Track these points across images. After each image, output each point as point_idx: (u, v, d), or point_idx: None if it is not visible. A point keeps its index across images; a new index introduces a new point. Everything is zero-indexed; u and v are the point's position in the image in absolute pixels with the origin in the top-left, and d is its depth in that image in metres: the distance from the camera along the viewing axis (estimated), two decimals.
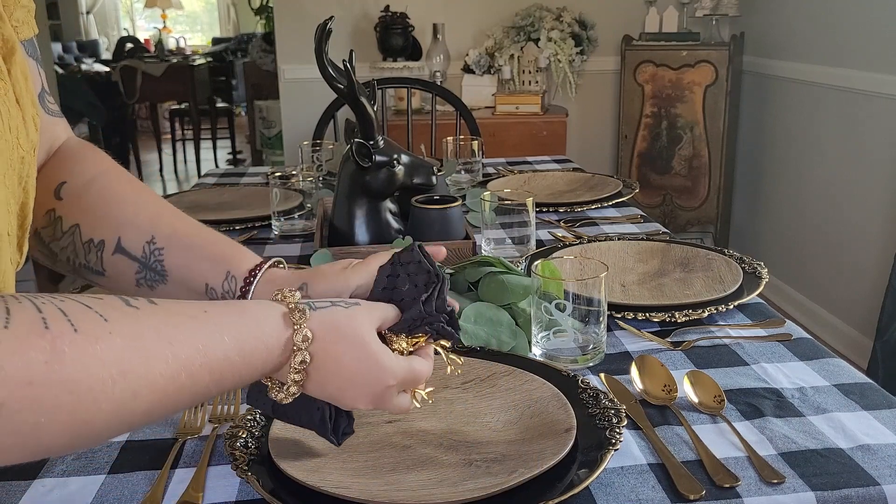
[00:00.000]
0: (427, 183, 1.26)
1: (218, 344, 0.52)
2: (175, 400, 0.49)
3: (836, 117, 2.89)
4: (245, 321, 0.55)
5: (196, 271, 0.72)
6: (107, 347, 0.45)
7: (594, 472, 0.67)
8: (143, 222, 0.72)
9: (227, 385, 0.54)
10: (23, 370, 0.40)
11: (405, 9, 3.39)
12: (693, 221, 3.46)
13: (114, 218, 0.72)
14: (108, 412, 0.45)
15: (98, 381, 0.44)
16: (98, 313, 0.46)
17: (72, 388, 0.42)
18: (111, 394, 0.44)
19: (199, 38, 10.26)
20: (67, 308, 0.44)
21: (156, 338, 0.48)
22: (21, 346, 0.41)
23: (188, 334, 0.50)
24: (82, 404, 0.43)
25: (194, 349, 0.50)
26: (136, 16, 10.46)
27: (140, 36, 9.50)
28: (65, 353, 0.42)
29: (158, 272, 0.72)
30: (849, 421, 0.79)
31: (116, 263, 0.72)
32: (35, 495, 0.71)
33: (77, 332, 0.43)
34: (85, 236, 0.71)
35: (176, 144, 6.55)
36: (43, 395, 0.41)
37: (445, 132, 2.22)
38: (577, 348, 0.93)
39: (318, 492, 0.66)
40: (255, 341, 0.55)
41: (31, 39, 0.67)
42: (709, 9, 3.38)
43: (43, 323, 0.42)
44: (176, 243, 0.72)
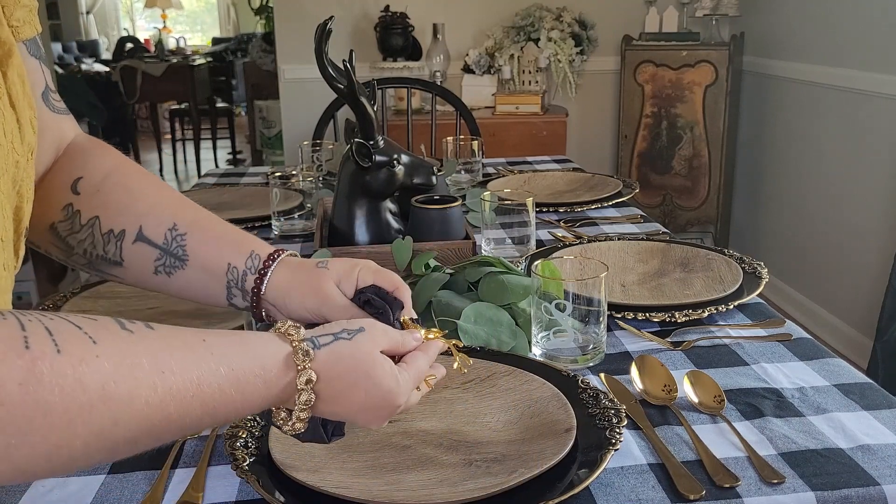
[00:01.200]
0: (427, 183, 1.26)
1: (213, 376, 0.50)
2: (162, 430, 0.48)
3: (836, 117, 2.89)
4: (245, 355, 0.54)
5: (219, 252, 0.73)
6: (90, 371, 0.43)
7: (594, 472, 0.67)
8: (165, 211, 0.74)
9: (220, 418, 0.52)
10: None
11: (405, 9, 3.39)
12: (693, 221, 3.46)
13: (134, 208, 0.73)
14: (85, 437, 0.43)
15: (76, 405, 0.42)
16: (87, 335, 0.44)
17: (46, 410, 0.41)
18: (88, 419, 0.43)
19: (199, 38, 10.26)
20: (55, 328, 0.43)
21: (146, 364, 0.46)
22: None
23: (182, 363, 0.48)
24: (57, 428, 0.41)
25: (187, 380, 0.48)
26: (136, 16, 10.46)
27: (140, 36, 9.50)
28: (43, 374, 0.41)
29: (179, 257, 0.73)
30: (849, 421, 0.79)
31: (136, 252, 0.73)
32: (35, 495, 0.71)
33: (60, 353, 0.42)
34: (105, 227, 0.72)
35: (176, 144, 6.55)
36: (14, 416, 0.40)
37: (445, 132, 2.22)
38: (577, 348, 0.93)
39: (318, 492, 0.66)
40: (254, 378, 0.53)
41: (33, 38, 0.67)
42: (709, 9, 3.38)
43: (24, 342, 0.41)
44: (198, 228, 0.74)
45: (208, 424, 0.51)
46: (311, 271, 0.73)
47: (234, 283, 0.73)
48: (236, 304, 0.75)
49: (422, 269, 1.12)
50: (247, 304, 0.74)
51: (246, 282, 0.73)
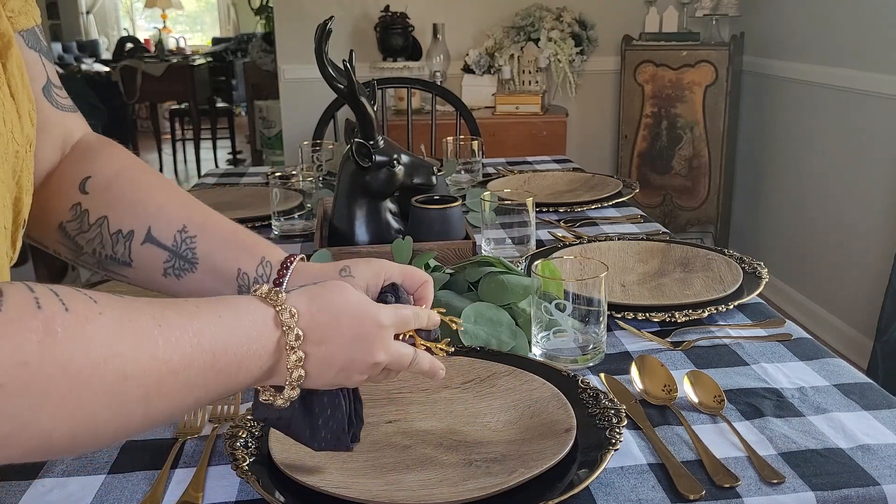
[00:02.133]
0: (427, 183, 1.26)
1: (208, 326, 0.51)
2: (171, 385, 0.48)
3: (836, 117, 2.89)
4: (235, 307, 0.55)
5: (229, 257, 0.72)
6: (97, 328, 0.44)
7: (594, 472, 0.68)
8: (174, 212, 0.73)
9: (223, 374, 0.52)
10: (17, 351, 0.40)
11: (405, 9, 3.39)
12: (693, 221, 3.46)
13: (143, 209, 0.72)
14: (101, 395, 0.44)
15: (89, 361, 0.43)
16: (88, 296, 0.46)
17: (64, 367, 0.42)
18: (103, 374, 0.44)
19: (199, 38, 10.27)
20: (58, 290, 0.44)
21: (144, 319, 0.47)
22: (15, 328, 0.41)
23: (177, 317, 0.50)
24: (76, 386, 0.43)
25: (184, 330, 0.49)
26: (136, 16, 10.46)
27: (140, 36, 9.50)
28: (57, 332, 0.42)
29: (189, 260, 0.72)
30: (849, 421, 0.79)
31: (145, 253, 0.72)
32: (35, 495, 0.71)
33: (68, 311, 0.43)
34: (113, 227, 0.72)
35: (176, 144, 6.55)
36: (37, 376, 0.41)
37: (445, 132, 2.22)
38: (577, 348, 0.93)
39: (318, 492, 0.66)
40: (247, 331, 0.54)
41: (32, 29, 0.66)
42: (709, 9, 3.38)
43: (35, 303, 0.42)
44: (209, 231, 0.73)
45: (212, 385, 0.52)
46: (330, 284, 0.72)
47: (246, 289, 0.72)
48: None
49: (422, 269, 1.12)
50: None
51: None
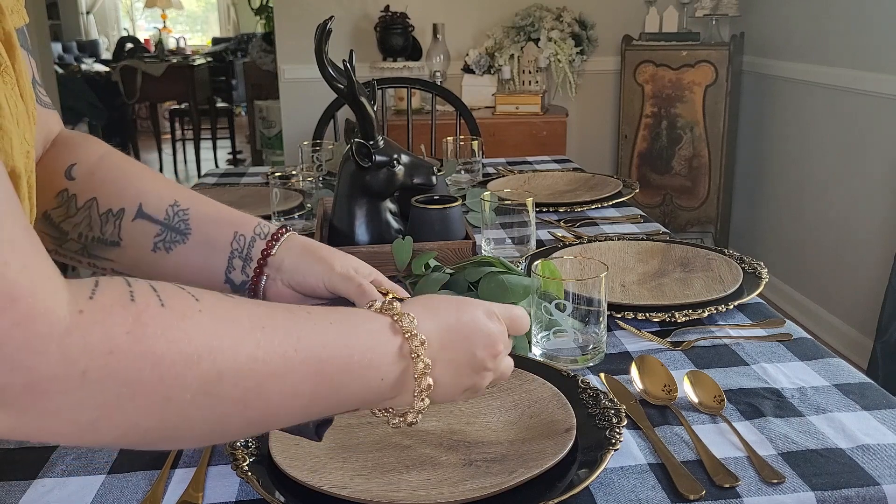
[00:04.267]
0: (427, 183, 1.26)
1: (318, 334, 0.49)
2: (270, 390, 0.47)
3: (836, 117, 2.89)
4: (348, 314, 0.53)
5: (223, 225, 0.74)
6: (194, 324, 0.44)
7: (594, 472, 0.67)
8: (163, 189, 0.74)
9: (332, 383, 0.50)
10: (104, 340, 0.40)
11: (405, 9, 3.39)
12: (693, 221, 3.46)
13: (132, 187, 0.73)
14: (192, 391, 0.43)
15: (182, 356, 0.43)
16: (190, 293, 0.46)
17: (154, 360, 0.42)
18: (196, 371, 0.43)
19: (199, 38, 10.26)
20: (159, 286, 0.45)
21: (246, 321, 0.47)
22: (104, 316, 0.41)
23: (284, 322, 0.49)
24: (165, 379, 0.42)
25: (287, 333, 0.48)
26: (136, 16, 10.46)
27: (140, 36, 9.50)
28: (148, 325, 0.42)
29: (181, 231, 0.73)
30: (849, 421, 0.79)
31: (135, 229, 0.73)
32: (35, 495, 0.71)
33: (164, 307, 0.43)
34: (102, 208, 0.72)
35: (176, 144, 6.55)
36: (124, 366, 0.41)
37: (445, 132, 2.22)
38: (577, 348, 0.93)
39: (318, 492, 0.66)
40: (360, 331, 0.52)
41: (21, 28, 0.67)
42: (709, 9, 3.38)
43: (130, 296, 0.43)
44: (201, 204, 0.74)
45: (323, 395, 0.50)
46: (329, 248, 0.74)
47: (239, 251, 0.73)
48: (233, 279, 0.74)
49: (422, 269, 1.12)
50: (245, 277, 0.73)
51: (254, 247, 0.73)
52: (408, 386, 0.55)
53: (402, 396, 0.56)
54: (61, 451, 0.77)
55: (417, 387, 0.55)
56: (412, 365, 0.55)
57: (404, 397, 0.56)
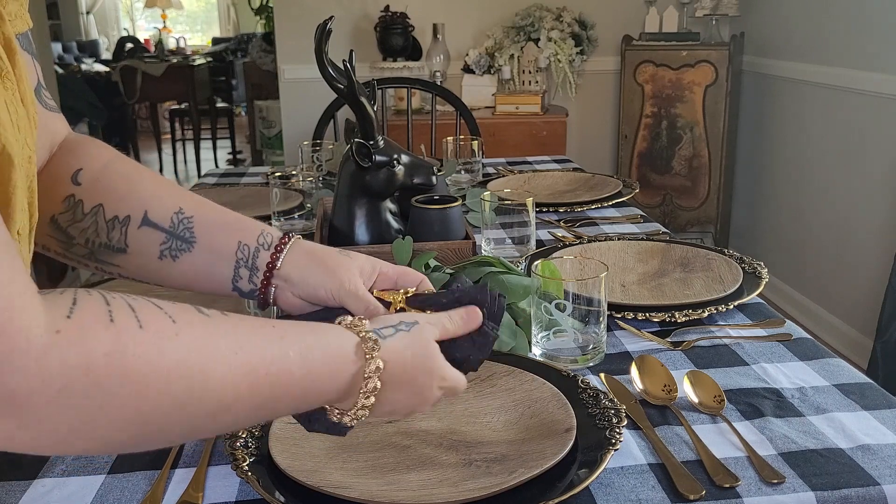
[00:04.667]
0: (427, 183, 1.26)
1: (283, 359, 0.52)
2: (236, 408, 0.50)
3: (837, 117, 2.89)
4: (314, 342, 0.56)
5: (229, 232, 0.74)
6: (172, 346, 0.46)
7: (594, 472, 0.68)
8: (168, 197, 0.74)
9: (288, 401, 0.54)
10: (81, 359, 0.42)
11: (405, 9, 3.39)
12: (693, 221, 3.46)
13: (137, 194, 0.73)
14: (167, 409, 0.46)
15: (157, 375, 0.45)
16: (167, 314, 0.47)
17: (130, 380, 0.43)
18: (172, 389, 0.45)
19: (199, 38, 10.26)
20: (137, 306, 0.46)
21: (222, 345, 0.49)
22: (81, 336, 0.42)
23: (255, 345, 0.51)
24: (140, 397, 0.44)
25: (259, 359, 0.51)
26: (136, 16, 10.46)
27: (140, 36, 9.50)
28: (127, 346, 0.44)
29: (186, 239, 0.73)
30: (849, 421, 0.79)
31: (141, 237, 0.73)
32: (35, 495, 0.71)
33: (142, 328, 0.45)
34: (109, 214, 0.73)
35: (176, 144, 6.55)
36: (101, 384, 0.42)
37: (445, 132, 2.22)
38: (577, 348, 0.93)
39: (318, 492, 0.66)
40: (322, 364, 0.55)
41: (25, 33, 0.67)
42: (709, 9, 3.38)
43: (108, 316, 0.44)
44: (205, 211, 0.74)
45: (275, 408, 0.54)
46: (334, 255, 0.74)
47: (244, 261, 0.73)
48: (240, 287, 0.74)
49: (422, 269, 1.12)
50: (252, 286, 0.73)
51: (258, 258, 0.73)
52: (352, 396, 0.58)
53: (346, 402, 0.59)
54: None
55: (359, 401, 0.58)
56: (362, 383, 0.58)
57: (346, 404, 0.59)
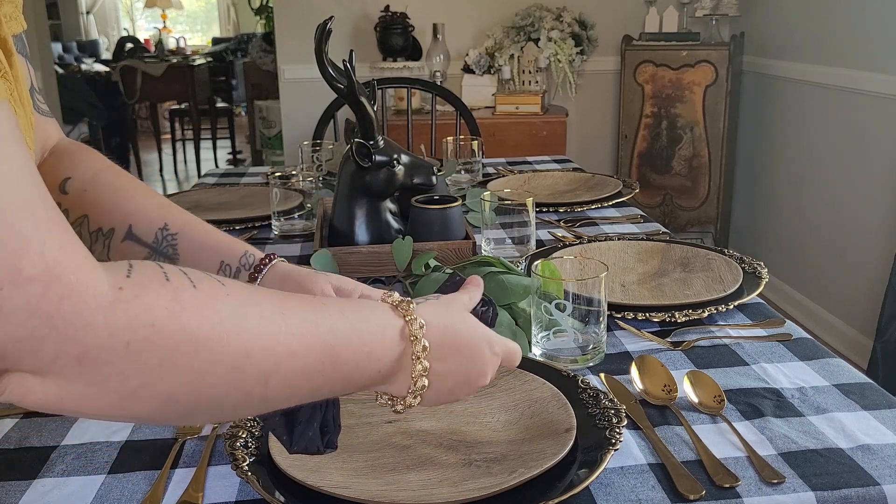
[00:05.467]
0: (427, 183, 1.26)
1: (331, 321, 0.52)
2: (289, 369, 0.50)
3: (837, 117, 2.89)
4: (361, 308, 0.56)
5: (211, 253, 0.75)
6: (223, 305, 0.47)
7: (594, 472, 0.68)
8: (154, 211, 0.75)
9: (341, 368, 0.53)
10: (146, 313, 0.43)
11: (405, 9, 3.39)
12: (693, 221, 3.46)
13: (123, 208, 0.74)
14: (223, 367, 0.46)
15: (214, 331, 0.45)
16: (216, 279, 0.49)
17: (189, 335, 0.44)
18: (225, 348, 0.46)
19: (199, 38, 10.26)
20: (187, 271, 0.47)
21: (268, 306, 0.50)
22: (143, 292, 0.43)
23: (302, 309, 0.52)
24: (200, 354, 0.45)
25: (304, 319, 0.51)
26: (136, 16, 10.46)
27: (140, 36, 9.50)
28: (184, 303, 0.45)
29: (169, 256, 0.74)
30: (849, 421, 0.79)
31: (124, 251, 0.73)
32: (35, 495, 0.71)
33: (195, 287, 0.46)
34: (93, 226, 0.73)
35: (176, 144, 6.55)
36: (163, 338, 0.43)
37: (445, 132, 2.22)
38: (577, 348, 0.93)
39: (318, 492, 0.66)
40: (370, 330, 0.55)
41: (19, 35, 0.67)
42: (709, 9, 3.38)
43: (164, 276, 0.45)
44: (189, 229, 0.75)
45: (323, 376, 0.52)
46: (310, 275, 0.75)
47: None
48: None
49: (422, 269, 1.12)
50: None
51: (238, 278, 0.75)
52: (400, 381, 0.58)
53: (393, 386, 0.59)
54: (61, 451, 0.77)
55: (412, 385, 0.58)
56: (411, 365, 0.57)
57: (396, 388, 0.59)
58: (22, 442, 0.79)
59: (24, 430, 0.81)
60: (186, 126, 6.64)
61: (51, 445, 0.78)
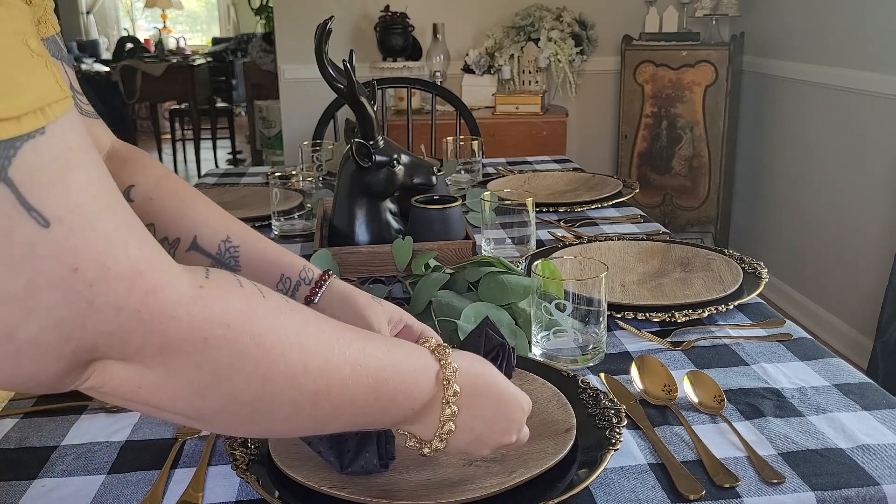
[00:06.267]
0: (427, 183, 1.26)
1: (378, 355, 0.55)
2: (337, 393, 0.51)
3: (836, 117, 2.89)
4: (405, 347, 0.59)
5: (272, 265, 0.78)
6: (288, 319, 0.49)
7: (594, 472, 0.68)
8: (217, 224, 0.78)
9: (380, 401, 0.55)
10: (223, 313, 0.45)
11: (405, 9, 3.39)
12: (693, 221, 3.46)
13: (189, 217, 0.76)
14: (283, 376, 0.48)
15: (279, 341, 0.48)
16: (281, 295, 0.51)
17: (259, 340, 0.46)
18: (289, 358, 0.48)
19: (199, 38, 10.26)
20: (257, 282, 0.50)
21: (327, 329, 0.52)
22: (222, 293, 0.46)
23: (354, 339, 0.54)
24: (265, 358, 0.47)
25: (357, 349, 0.53)
26: (136, 16, 10.45)
27: (140, 36, 9.49)
28: (256, 309, 0.47)
29: (231, 267, 0.77)
30: (849, 421, 0.79)
31: (189, 260, 0.75)
32: (35, 495, 0.71)
33: (265, 298, 0.49)
34: (160, 235, 0.75)
35: (176, 144, 6.55)
36: (236, 339, 0.45)
37: (445, 132, 2.22)
38: (577, 348, 0.93)
39: (318, 492, 0.66)
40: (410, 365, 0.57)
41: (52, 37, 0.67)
42: (709, 9, 3.38)
43: (238, 283, 0.48)
44: (252, 242, 0.78)
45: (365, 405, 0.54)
46: (365, 299, 0.78)
47: (285, 292, 0.77)
48: None
49: (422, 269, 1.12)
50: None
51: (298, 291, 0.78)
52: (428, 423, 0.60)
53: (419, 427, 0.61)
54: (61, 451, 0.77)
55: (439, 428, 0.60)
56: (441, 408, 0.59)
57: (424, 429, 0.61)
58: (22, 442, 0.79)
59: (24, 430, 0.81)
60: (186, 126, 6.64)
61: (51, 445, 0.78)
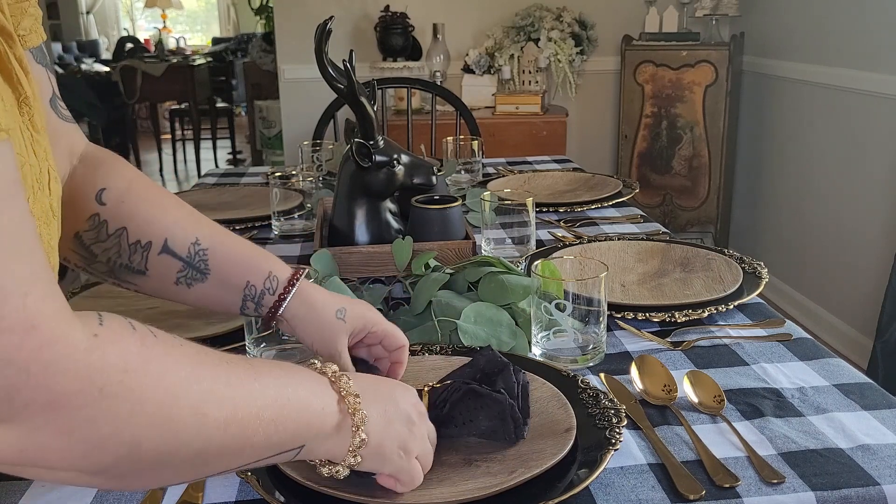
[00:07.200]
0: (427, 183, 1.26)
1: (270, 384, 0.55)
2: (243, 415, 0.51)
3: (836, 117, 2.89)
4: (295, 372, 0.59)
5: (239, 269, 0.78)
6: (181, 356, 0.49)
7: (594, 472, 0.67)
8: (188, 226, 0.78)
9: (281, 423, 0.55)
10: (119, 359, 0.44)
11: (405, 9, 3.39)
12: (693, 221, 3.46)
13: (160, 221, 0.76)
14: (187, 411, 0.48)
15: (179, 379, 0.48)
16: (167, 334, 0.50)
17: (158, 381, 0.46)
18: (189, 392, 0.48)
19: (199, 38, 10.27)
20: (145, 324, 0.49)
21: (216, 360, 0.52)
22: (117, 339, 0.45)
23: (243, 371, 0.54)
24: (168, 397, 0.46)
25: (248, 392, 0.53)
26: (136, 16, 10.46)
27: (140, 36, 9.50)
28: (152, 349, 0.47)
29: (201, 270, 0.77)
30: (849, 421, 0.79)
31: (161, 263, 0.76)
32: (35, 495, 0.71)
33: (157, 337, 0.48)
34: (132, 238, 0.75)
35: (176, 144, 6.55)
36: (136, 383, 0.45)
37: (445, 132, 2.22)
38: (577, 348, 0.93)
39: (318, 492, 0.66)
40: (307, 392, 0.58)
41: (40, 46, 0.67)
42: (709, 9, 3.38)
43: (131, 325, 0.47)
44: (219, 244, 0.78)
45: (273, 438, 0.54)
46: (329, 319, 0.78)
47: (251, 297, 0.78)
48: (248, 313, 0.80)
49: (422, 269, 1.12)
50: (258, 314, 0.79)
51: (263, 300, 0.78)
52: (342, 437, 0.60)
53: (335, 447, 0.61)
54: None
55: (352, 443, 0.60)
56: (349, 417, 0.60)
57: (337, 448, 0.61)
58: None
59: None
60: (186, 126, 6.64)
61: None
